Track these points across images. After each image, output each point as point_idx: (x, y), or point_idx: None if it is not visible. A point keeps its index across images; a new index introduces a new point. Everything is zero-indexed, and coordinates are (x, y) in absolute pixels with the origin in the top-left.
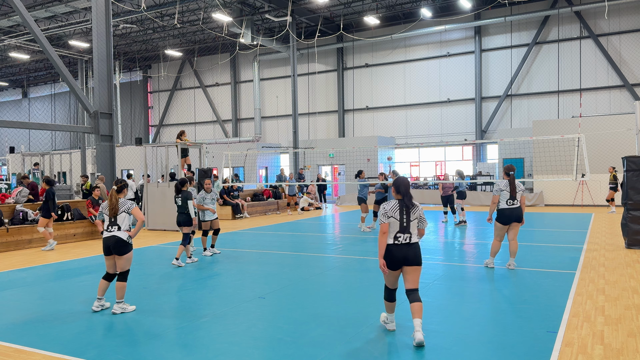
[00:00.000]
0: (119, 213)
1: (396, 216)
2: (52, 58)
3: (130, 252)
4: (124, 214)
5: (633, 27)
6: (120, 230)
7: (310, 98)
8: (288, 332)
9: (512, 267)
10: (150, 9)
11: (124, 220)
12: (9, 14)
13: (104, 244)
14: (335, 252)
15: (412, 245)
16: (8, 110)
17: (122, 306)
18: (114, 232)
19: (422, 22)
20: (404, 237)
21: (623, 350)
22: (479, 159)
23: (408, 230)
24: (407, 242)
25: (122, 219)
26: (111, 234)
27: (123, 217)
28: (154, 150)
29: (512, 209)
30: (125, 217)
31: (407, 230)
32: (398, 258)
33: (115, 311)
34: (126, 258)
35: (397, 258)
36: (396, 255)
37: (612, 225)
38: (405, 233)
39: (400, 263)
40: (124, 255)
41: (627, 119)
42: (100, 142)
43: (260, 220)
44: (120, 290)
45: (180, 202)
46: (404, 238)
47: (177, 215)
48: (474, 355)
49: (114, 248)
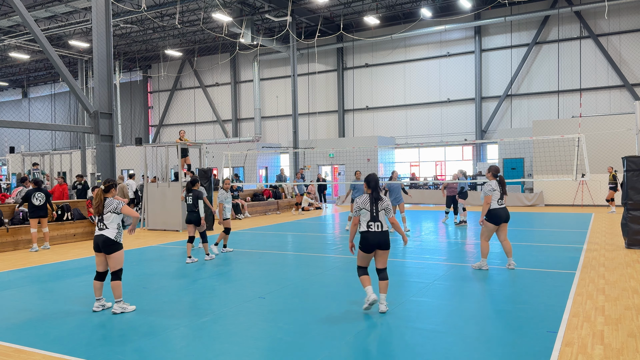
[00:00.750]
0: (104, 212)
1: (367, 207)
2: (52, 58)
3: (119, 251)
4: (110, 214)
5: (633, 27)
6: (108, 229)
7: (310, 98)
8: (288, 332)
9: (511, 266)
10: (150, 9)
11: (112, 220)
12: (9, 14)
13: (94, 242)
14: (335, 252)
15: (384, 233)
16: (8, 110)
17: (122, 305)
18: (102, 232)
19: (422, 22)
20: (375, 225)
21: (623, 350)
22: (479, 159)
23: (378, 219)
24: (379, 230)
25: (109, 219)
26: (100, 232)
27: (110, 216)
28: (154, 150)
29: (503, 209)
30: (113, 217)
31: (377, 219)
32: (372, 243)
33: (115, 311)
34: (115, 257)
35: (372, 243)
36: (371, 241)
37: (612, 225)
38: (376, 222)
39: (374, 247)
40: (113, 254)
41: (627, 119)
42: (100, 142)
43: (260, 220)
44: (117, 289)
45: (190, 200)
46: (375, 226)
47: (188, 214)
48: (474, 355)
49: (103, 247)
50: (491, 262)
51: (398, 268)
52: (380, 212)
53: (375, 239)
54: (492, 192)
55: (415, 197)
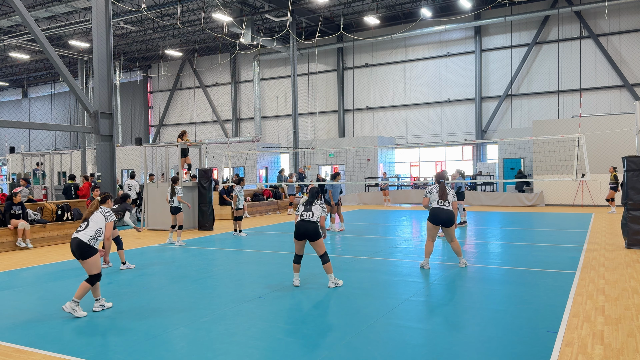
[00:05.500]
0: (89, 218)
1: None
2: (52, 58)
3: (94, 256)
4: (92, 222)
5: (633, 27)
6: (84, 231)
7: (310, 98)
8: (288, 332)
9: (462, 265)
10: (150, 9)
11: (91, 226)
12: (9, 14)
13: (70, 247)
14: (335, 252)
15: (310, 222)
16: (8, 110)
17: (74, 307)
18: (78, 234)
19: (422, 22)
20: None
21: (623, 350)
22: (479, 159)
23: (310, 210)
24: (306, 219)
25: (89, 225)
26: (76, 235)
27: (90, 224)
28: (154, 150)
29: (441, 209)
30: (92, 226)
31: (310, 210)
32: (300, 231)
33: (65, 308)
34: (88, 263)
35: (299, 231)
36: (299, 228)
37: (612, 225)
38: (308, 212)
39: (302, 236)
40: (86, 259)
41: (627, 119)
42: (100, 142)
43: (260, 220)
44: (81, 289)
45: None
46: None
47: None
48: (474, 355)
49: (76, 252)
50: (491, 262)
51: (398, 268)
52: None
53: (303, 227)
54: (430, 195)
55: (416, 197)
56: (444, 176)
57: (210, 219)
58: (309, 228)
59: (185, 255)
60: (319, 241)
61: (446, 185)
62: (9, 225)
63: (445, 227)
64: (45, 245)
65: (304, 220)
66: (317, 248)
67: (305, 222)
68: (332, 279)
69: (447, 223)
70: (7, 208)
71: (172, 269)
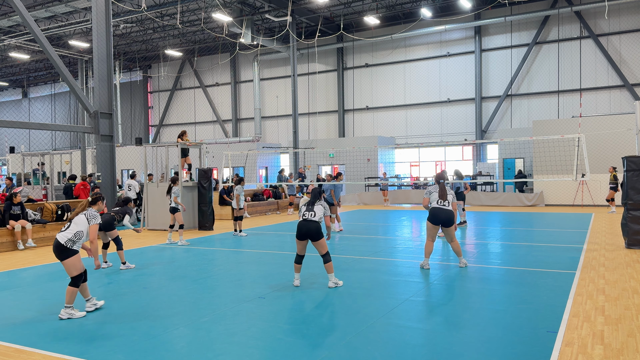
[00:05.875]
0: (73, 219)
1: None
2: (52, 58)
3: (71, 257)
4: (73, 224)
5: (633, 27)
6: (63, 233)
7: (310, 98)
8: (288, 332)
9: (462, 265)
10: (150, 9)
11: (71, 228)
12: (9, 14)
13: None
14: (335, 252)
15: (312, 221)
16: (8, 110)
17: (70, 312)
18: (58, 234)
19: (422, 22)
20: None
21: (623, 350)
22: (479, 159)
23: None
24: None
25: (69, 227)
26: (57, 235)
27: (71, 226)
28: (154, 150)
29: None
30: (73, 227)
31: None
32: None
33: (61, 316)
34: (67, 264)
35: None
36: (301, 228)
37: (612, 225)
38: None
39: (304, 235)
40: (64, 260)
41: (627, 119)
42: (100, 142)
43: (260, 220)
44: (68, 294)
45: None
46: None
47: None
48: (474, 355)
49: (55, 252)
50: (491, 262)
51: (398, 268)
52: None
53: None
54: (430, 195)
55: (416, 197)
56: (444, 176)
57: (210, 219)
58: (311, 228)
59: (185, 255)
60: (321, 241)
61: (446, 185)
62: (8, 225)
63: (445, 227)
64: (45, 245)
65: (306, 220)
66: (319, 248)
67: (307, 221)
68: (333, 278)
69: (446, 223)
70: (7, 208)
71: (172, 269)
